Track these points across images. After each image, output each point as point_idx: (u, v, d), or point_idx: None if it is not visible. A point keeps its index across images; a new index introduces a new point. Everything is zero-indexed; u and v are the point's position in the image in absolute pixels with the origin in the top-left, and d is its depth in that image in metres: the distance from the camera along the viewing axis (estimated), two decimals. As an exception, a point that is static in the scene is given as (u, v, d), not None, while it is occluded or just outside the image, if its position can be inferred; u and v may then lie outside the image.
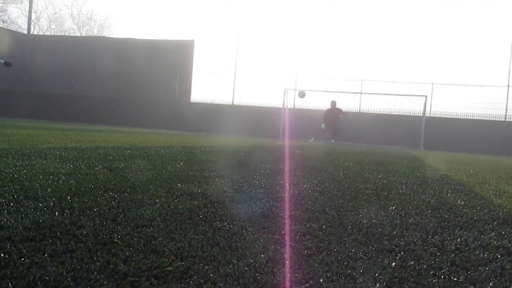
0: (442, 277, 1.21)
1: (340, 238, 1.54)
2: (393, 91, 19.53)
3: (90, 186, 2.18)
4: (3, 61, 10.64)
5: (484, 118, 18.72)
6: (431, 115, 19.18)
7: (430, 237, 1.66)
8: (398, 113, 19.52)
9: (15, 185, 2.03)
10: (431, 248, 1.50)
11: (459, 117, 19.01)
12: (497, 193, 3.16)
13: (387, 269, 1.24)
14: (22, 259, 1.09)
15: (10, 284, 0.94)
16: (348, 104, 19.90)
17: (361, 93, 20.06)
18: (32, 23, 37.10)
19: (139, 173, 2.86)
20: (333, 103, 16.62)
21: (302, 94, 13.70)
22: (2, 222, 1.39)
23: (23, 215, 1.49)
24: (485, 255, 1.45)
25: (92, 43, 24.41)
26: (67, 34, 41.57)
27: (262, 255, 1.28)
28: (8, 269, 1.02)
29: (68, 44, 24.62)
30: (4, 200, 1.70)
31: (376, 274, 1.19)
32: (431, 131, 18.06)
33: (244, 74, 22.13)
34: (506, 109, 18.73)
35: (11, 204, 1.65)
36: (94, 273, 1.03)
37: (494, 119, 18.71)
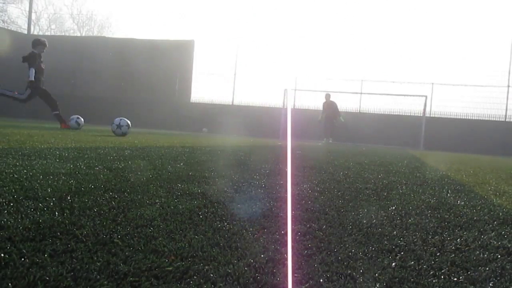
0: (442, 277, 1.21)
1: (340, 238, 1.54)
2: (393, 91, 19.54)
3: (90, 186, 2.18)
4: None
5: (484, 118, 18.72)
6: (431, 115, 19.18)
7: (430, 237, 1.66)
8: (398, 113, 19.53)
9: (15, 185, 2.03)
10: (431, 248, 1.49)
11: (459, 117, 19.01)
12: (497, 193, 3.16)
13: (387, 269, 1.24)
14: (22, 259, 1.09)
15: (10, 284, 0.94)
16: (348, 104, 19.94)
17: (361, 93, 20.07)
18: (32, 23, 37.08)
19: (139, 173, 2.86)
20: (327, 96, 16.77)
21: None
22: (2, 222, 1.39)
23: (23, 215, 1.49)
24: (485, 255, 1.45)
25: (92, 43, 24.39)
26: (67, 34, 41.57)
27: (262, 255, 1.28)
28: (8, 269, 1.02)
29: (68, 44, 24.59)
30: (4, 200, 1.70)
31: (376, 274, 1.19)
32: (431, 131, 18.05)
33: (244, 74, 22.14)
34: (506, 109, 18.74)
35: (11, 204, 1.65)
36: (94, 273, 1.03)
37: (494, 119, 18.71)
